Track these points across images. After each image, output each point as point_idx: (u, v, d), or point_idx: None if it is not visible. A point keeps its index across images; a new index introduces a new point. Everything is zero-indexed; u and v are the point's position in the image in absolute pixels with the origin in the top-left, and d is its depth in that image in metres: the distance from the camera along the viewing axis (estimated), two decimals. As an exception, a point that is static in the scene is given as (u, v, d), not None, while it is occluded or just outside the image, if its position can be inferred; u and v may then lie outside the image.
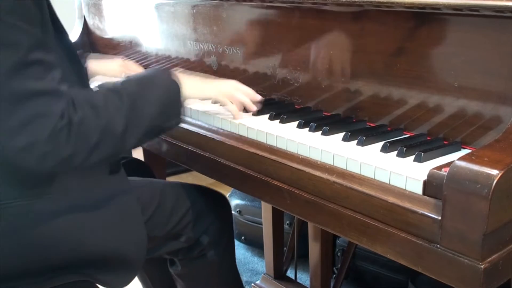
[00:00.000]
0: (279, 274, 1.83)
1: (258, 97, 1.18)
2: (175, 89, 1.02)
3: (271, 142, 1.05)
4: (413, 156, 0.88)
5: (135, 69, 1.51)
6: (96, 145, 0.86)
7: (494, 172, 0.70)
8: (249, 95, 1.17)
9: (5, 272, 0.93)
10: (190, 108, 1.24)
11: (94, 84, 1.46)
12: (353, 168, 0.90)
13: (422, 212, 0.78)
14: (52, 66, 0.84)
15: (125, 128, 0.90)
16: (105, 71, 1.47)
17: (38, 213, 0.94)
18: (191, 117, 1.24)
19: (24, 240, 0.93)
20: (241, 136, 1.11)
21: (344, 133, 1.00)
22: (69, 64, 0.98)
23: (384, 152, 0.92)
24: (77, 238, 0.97)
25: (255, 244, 2.20)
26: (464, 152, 0.91)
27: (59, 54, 0.93)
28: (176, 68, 1.19)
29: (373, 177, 0.87)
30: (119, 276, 1.05)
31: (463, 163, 0.73)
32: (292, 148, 1.01)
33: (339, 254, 1.88)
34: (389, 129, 1.05)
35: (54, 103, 0.82)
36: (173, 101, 1.02)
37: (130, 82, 0.98)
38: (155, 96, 0.97)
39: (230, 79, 1.21)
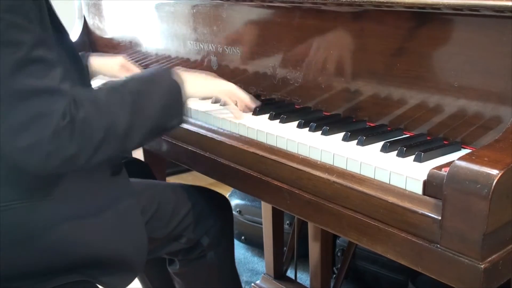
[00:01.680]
0: (279, 274, 1.83)
1: (257, 103, 1.18)
2: (177, 88, 1.01)
3: (271, 142, 1.05)
4: (413, 156, 0.88)
5: (134, 70, 1.50)
6: (99, 144, 0.86)
7: (494, 172, 0.70)
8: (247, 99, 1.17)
9: (5, 273, 0.93)
10: (190, 108, 1.24)
11: (95, 83, 1.47)
12: (353, 168, 0.90)
13: (422, 212, 0.78)
14: (53, 64, 0.84)
15: (128, 127, 0.90)
16: (105, 70, 1.46)
17: (39, 215, 0.93)
18: (191, 117, 1.24)
19: (24, 242, 0.93)
20: (241, 136, 1.11)
21: (344, 133, 1.00)
22: (70, 63, 0.97)
23: (384, 152, 0.92)
24: (78, 241, 0.97)
25: (255, 244, 2.20)
26: (464, 152, 0.91)
27: (60, 54, 0.92)
28: (177, 67, 1.18)
29: (373, 177, 0.87)
30: (119, 278, 1.05)
31: (463, 163, 0.73)
32: (292, 148, 1.01)
33: (339, 254, 1.89)
34: (389, 129, 1.05)
35: (56, 101, 0.81)
36: (175, 100, 1.01)
37: (132, 81, 0.98)
38: (157, 94, 0.97)
39: (228, 82, 1.20)
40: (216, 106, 1.25)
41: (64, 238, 0.96)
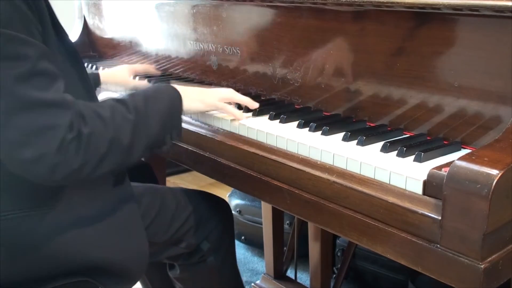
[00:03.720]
0: (279, 274, 1.83)
1: (256, 104, 1.18)
2: (178, 104, 1.05)
3: (271, 142, 1.05)
4: (413, 156, 0.88)
5: (140, 69, 1.51)
6: (104, 156, 0.87)
7: (494, 172, 0.70)
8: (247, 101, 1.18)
9: (4, 280, 0.93)
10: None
11: (102, 94, 1.49)
12: (353, 168, 0.90)
13: (422, 212, 0.78)
14: (56, 76, 0.84)
15: (131, 140, 0.91)
16: (115, 77, 1.48)
17: (40, 224, 0.93)
18: (191, 117, 1.24)
19: (25, 250, 0.93)
20: (241, 136, 1.11)
21: (344, 133, 1.00)
22: (70, 67, 0.97)
23: (384, 152, 0.92)
24: (79, 250, 0.97)
25: (255, 244, 2.20)
26: (464, 152, 0.91)
27: (61, 58, 0.93)
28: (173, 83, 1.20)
29: (373, 177, 0.87)
30: (119, 284, 1.05)
31: (463, 163, 0.73)
32: (292, 148, 1.01)
33: (339, 254, 1.89)
34: (389, 129, 1.05)
35: (62, 114, 0.82)
36: (175, 116, 1.04)
37: (136, 96, 0.99)
38: (159, 110, 0.99)
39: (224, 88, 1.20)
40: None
41: (65, 247, 0.95)
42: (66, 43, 0.99)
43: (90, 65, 1.72)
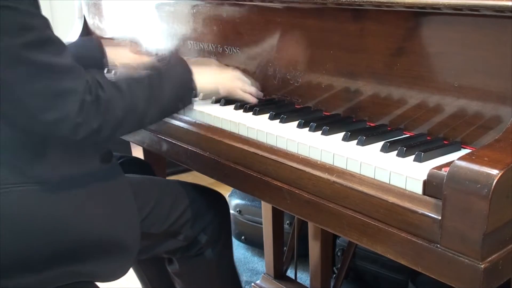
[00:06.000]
0: (279, 274, 1.83)
1: (260, 94, 1.28)
2: (188, 79, 1.15)
3: (271, 142, 1.05)
4: (413, 156, 0.88)
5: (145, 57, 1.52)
6: (120, 122, 0.97)
7: (494, 172, 0.70)
8: (250, 89, 1.26)
9: (4, 257, 0.94)
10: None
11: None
12: (353, 168, 0.90)
13: (422, 212, 0.78)
14: (63, 45, 0.91)
15: (144, 110, 1.02)
16: (119, 57, 1.49)
17: (31, 199, 0.95)
18: (191, 117, 1.24)
19: (17, 226, 0.94)
20: (241, 136, 1.11)
21: (344, 133, 1.00)
22: None
23: (384, 152, 0.92)
24: (70, 224, 0.99)
25: (255, 244, 2.20)
26: (464, 152, 0.91)
27: None
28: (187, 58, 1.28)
29: (373, 177, 0.87)
30: (115, 264, 1.06)
31: (463, 163, 0.73)
32: (292, 148, 1.01)
33: (339, 254, 1.89)
34: (389, 129, 1.05)
35: (79, 78, 0.89)
36: (185, 89, 1.15)
37: (150, 71, 1.08)
38: (170, 84, 1.10)
39: (231, 70, 1.29)
40: (216, 106, 1.25)
41: (56, 221, 0.97)
42: None
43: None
